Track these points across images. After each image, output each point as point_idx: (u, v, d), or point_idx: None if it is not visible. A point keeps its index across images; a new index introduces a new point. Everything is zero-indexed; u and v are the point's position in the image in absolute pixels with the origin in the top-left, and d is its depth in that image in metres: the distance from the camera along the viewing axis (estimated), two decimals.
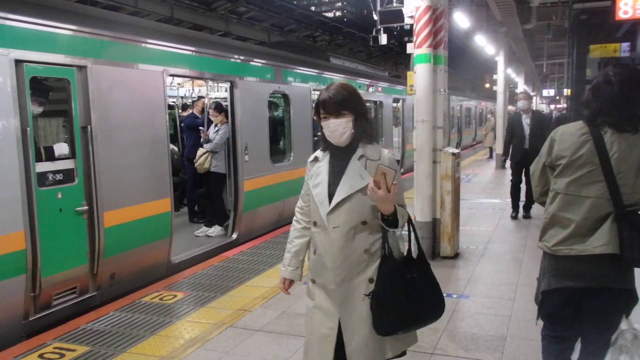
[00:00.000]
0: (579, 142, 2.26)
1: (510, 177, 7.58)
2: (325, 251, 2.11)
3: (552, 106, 40.47)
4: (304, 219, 2.33)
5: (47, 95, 4.42)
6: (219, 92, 8.23)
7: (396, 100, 13.08)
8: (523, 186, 7.34)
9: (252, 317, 4.04)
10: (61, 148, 4.30)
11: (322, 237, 2.12)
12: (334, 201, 2.08)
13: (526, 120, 7.26)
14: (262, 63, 7.07)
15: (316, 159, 2.26)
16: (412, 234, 2.21)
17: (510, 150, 7.50)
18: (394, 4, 9.86)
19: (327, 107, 2.11)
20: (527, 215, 7.45)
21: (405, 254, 2.21)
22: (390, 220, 2.03)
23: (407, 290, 2.07)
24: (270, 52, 8.00)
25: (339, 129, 2.09)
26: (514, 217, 7.38)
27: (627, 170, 2.20)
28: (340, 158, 2.16)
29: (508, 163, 7.97)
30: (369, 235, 2.10)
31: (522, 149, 7.18)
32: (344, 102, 2.09)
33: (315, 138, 8.87)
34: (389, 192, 1.93)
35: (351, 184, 2.07)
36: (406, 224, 2.19)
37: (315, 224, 2.17)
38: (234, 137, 6.34)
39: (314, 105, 2.11)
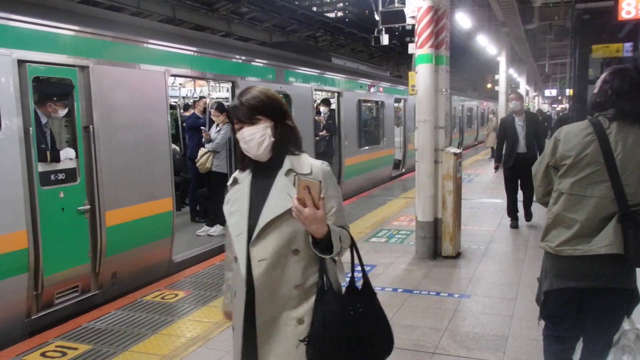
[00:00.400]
0: (584, 142, 2.25)
1: (505, 184, 6.94)
2: (243, 292, 1.74)
3: (554, 106, 40.36)
4: (231, 250, 1.92)
5: (69, 97, 4.36)
6: (221, 92, 8.25)
7: (398, 100, 13.09)
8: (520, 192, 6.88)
9: None
10: (68, 153, 4.31)
11: (240, 277, 1.74)
12: (258, 228, 1.71)
13: (519, 123, 6.69)
14: (263, 63, 7.08)
15: (235, 181, 1.86)
16: (358, 260, 1.83)
17: (503, 154, 6.94)
18: (396, 5, 9.87)
19: (239, 113, 1.76)
20: (528, 219, 6.92)
21: (346, 285, 1.83)
22: (324, 245, 1.65)
23: (352, 329, 1.71)
24: (271, 53, 8.01)
25: (255, 137, 1.74)
26: (514, 226, 6.84)
27: (632, 170, 2.19)
28: (264, 176, 1.78)
29: (500, 169, 7.24)
30: (302, 267, 1.72)
31: (514, 153, 6.63)
32: (259, 106, 1.75)
33: (317, 138, 8.89)
34: (318, 208, 1.57)
35: (277, 205, 1.70)
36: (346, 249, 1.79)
37: (235, 259, 1.78)
38: (235, 137, 6.34)
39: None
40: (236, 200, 1.81)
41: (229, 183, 1.88)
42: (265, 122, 1.75)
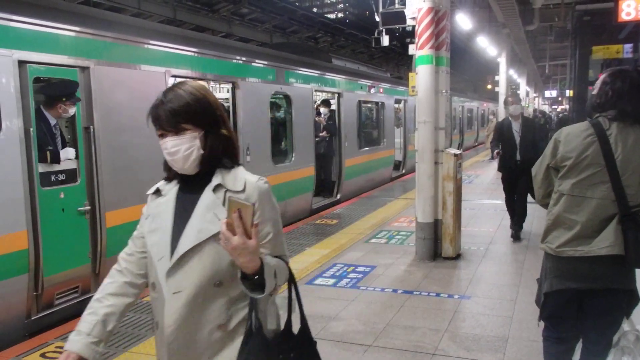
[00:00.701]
0: (585, 144, 2.26)
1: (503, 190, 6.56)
2: (164, 327, 1.48)
3: (554, 107, 40.37)
4: (130, 270, 1.61)
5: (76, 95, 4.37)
6: (221, 93, 8.25)
7: (398, 101, 13.10)
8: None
9: None
10: (68, 152, 4.31)
11: (162, 307, 1.49)
12: (176, 255, 1.45)
13: (516, 129, 6.25)
14: (264, 64, 7.09)
15: (158, 192, 1.59)
16: (296, 300, 1.59)
17: (501, 162, 6.46)
18: (396, 6, 9.89)
19: (160, 119, 1.47)
20: (516, 235, 6.25)
21: (281, 328, 1.57)
22: (255, 281, 1.36)
23: None
24: (272, 54, 8.02)
25: (180, 150, 1.45)
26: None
27: (632, 171, 2.20)
28: (190, 190, 1.52)
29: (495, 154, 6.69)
30: (226, 304, 1.46)
31: (513, 160, 6.17)
32: (185, 111, 1.45)
33: (317, 139, 8.90)
34: (250, 237, 1.30)
35: (201, 228, 1.44)
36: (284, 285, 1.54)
37: (153, 286, 1.52)
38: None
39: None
40: (158, 215, 1.54)
41: (149, 192, 1.61)
42: (192, 132, 1.46)
